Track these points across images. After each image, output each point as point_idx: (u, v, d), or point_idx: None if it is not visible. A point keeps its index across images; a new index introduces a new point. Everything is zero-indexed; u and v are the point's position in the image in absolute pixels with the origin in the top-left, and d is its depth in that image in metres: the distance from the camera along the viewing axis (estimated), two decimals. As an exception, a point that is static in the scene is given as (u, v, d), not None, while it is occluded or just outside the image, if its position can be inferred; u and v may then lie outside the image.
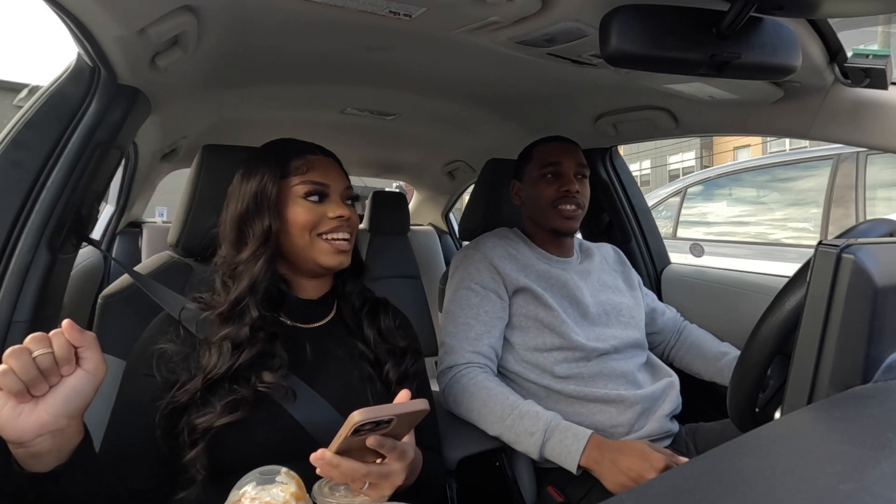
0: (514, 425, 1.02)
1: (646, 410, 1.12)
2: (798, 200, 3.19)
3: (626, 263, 1.41)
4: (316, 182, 0.84)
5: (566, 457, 0.97)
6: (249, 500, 0.55)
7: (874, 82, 0.93)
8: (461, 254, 1.28)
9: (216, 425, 0.70)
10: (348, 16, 0.83)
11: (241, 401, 0.72)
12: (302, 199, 0.83)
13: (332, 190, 0.85)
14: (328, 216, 0.83)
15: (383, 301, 0.96)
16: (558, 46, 0.89)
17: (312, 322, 0.87)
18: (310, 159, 0.86)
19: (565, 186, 1.22)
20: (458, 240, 2.77)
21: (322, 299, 0.91)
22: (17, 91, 8.72)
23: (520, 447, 1.02)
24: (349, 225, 0.85)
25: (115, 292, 0.96)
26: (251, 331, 0.76)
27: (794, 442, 0.44)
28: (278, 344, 0.79)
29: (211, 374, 0.73)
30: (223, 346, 0.75)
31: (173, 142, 1.68)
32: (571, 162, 1.25)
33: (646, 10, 0.69)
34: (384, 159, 2.42)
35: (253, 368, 0.75)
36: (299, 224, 0.83)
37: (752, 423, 0.75)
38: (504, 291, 1.19)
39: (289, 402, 0.76)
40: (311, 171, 0.85)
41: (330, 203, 0.85)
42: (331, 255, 0.83)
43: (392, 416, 0.60)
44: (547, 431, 0.99)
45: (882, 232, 0.82)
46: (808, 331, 0.59)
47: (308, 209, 0.83)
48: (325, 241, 0.83)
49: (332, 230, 0.83)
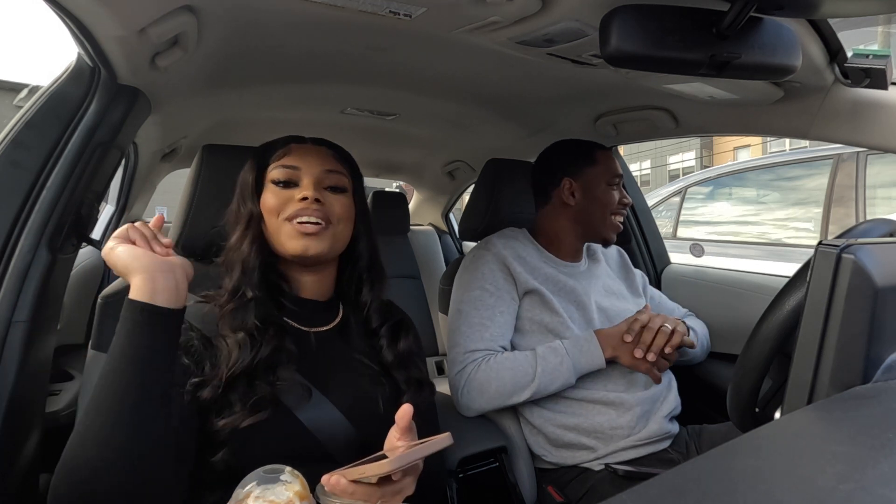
0: (545, 370, 1.09)
1: (645, 413, 1.12)
2: (800, 200, 3.19)
3: (629, 269, 1.40)
4: (286, 166, 0.83)
5: (594, 360, 1.10)
6: (254, 499, 0.54)
7: (874, 82, 0.93)
8: (471, 254, 1.27)
9: (242, 427, 0.70)
10: (348, 16, 0.83)
11: (261, 400, 0.72)
12: (272, 184, 0.84)
13: (304, 173, 0.83)
14: (295, 198, 0.81)
15: (407, 322, 0.93)
16: (558, 46, 0.89)
17: (318, 326, 0.86)
18: (290, 147, 0.86)
19: (623, 198, 1.26)
20: (458, 240, 2.77)
21: (327, 303, 0.89)
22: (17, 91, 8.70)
23: (558, 383, 1.10)
24: (319, 209, 0.81)
25: (115, 292, 0.96)
26: (261, 322, 0.77)
27: (794, 442, 0.44)
28: (288, 339, 0.78)
29: (233, 369, 0.72)
30: (240, 338, 0.75)
31: (173, 142, 1.68)
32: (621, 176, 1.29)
33: (646, 10, 0.69)
34: (384, 159, 2.42)
35: (269, 366, 0.75)
36: (268, 208, 0.82)
37: (753, 423, 0.75)
38: (516, 293, 1.18)
39: (304, 400, 0.75)
40: (286, 156, 0.85)
41: (299, 188, 0.83)
42: (293, 237, 0.80)
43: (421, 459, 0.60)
44: (569, 354, 1.10)
45: (882, 232, 0.83)
46: (808, 331, 0.59)
47: (275, 193, 0.83)
48: (289, 224, 0.81)
49: (296, 212, 0.80)
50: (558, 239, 1.28)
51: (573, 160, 1.28)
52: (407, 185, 3.08)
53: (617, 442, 1.10)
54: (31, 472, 0.89)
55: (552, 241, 1.28)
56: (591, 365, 1.10)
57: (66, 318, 1.37)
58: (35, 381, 0.89)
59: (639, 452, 1.10)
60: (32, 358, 0.85)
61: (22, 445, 0.86)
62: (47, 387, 1.01)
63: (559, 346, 1.11)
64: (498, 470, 1.10)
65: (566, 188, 1.26)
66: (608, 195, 1.24)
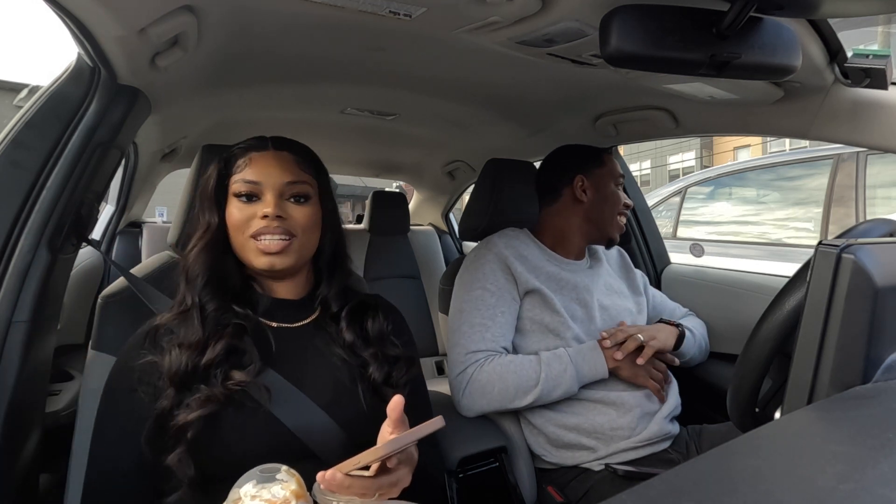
0: (549, 376, 1.09)
1: (645, 413, 1.13)
2: (800, 200, 3.19)
3: (629, 268, 1.41)
4: (247, 181, 0.81)
5: (597, 370, 1.12)
6: (250, 498, 0.54)
7: (874, 82, 0.93)
8: (473, 254, 1.27)
9: (190, 419, 0.69)
10: (348, 16, 0.83)
11: (211, 397, 0.71)
12: (234, 197, 0.81)
13: (266, 187, 0.80)
14: (257, 216, 0.79)
15: (372, 301, 0.91)
16: (558, 46, 0.89)
17: (295, 322, 0.85)
18: (251, 157, 0.83)
19: (626, 200, 1.30)
20: (458, 240, 2.77)
21: (302, 300, 0.88)
22: (17, 91, 8.71)
23: (560, 390, 1.10)
24: (281, 225, 0.79)
25: (115, 292, 0.96)
26: (207, 325, 0.76)
27: (794, 442, 0.44)
28: (247, 340, 0.77)
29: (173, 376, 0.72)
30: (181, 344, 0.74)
31: (173, 142, 1.68)
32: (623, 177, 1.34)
33: (646, 10, 0.69)
34: (384, 159, 2.42)
35: (221, 367, 0.74)
36: (233, 223, 0.81)
37: (753, 423, 0.75)
38: (517, 293, 1.18)
39: (265, 400, 0.74)
40: (247, 168, 0.82)
41: (261, 203, 0.80)
42: (258, 255, 0.79)
43: (415, 441, 0.59)
44: (573, 361, 1.11)
45: (882, 232, 0.83)
46: (808, 331, 0.59)
47: (238, 209, 0.81)
48: (254, 241, 0.79)
49: (259, 231, 0.79)
50: (564, 237, 1.29)
51: (584, 160, 1.31)
52: (407, 185, 3.08)
53: (617, 443, 1.10)
54: (31, 472, 0.89)
55: (557, 240, 1.29)
56: (594, 374, 1.12)
57: (66, 318, 1.37)
58: (35, 381, 0.89)
59: (639, 453, 1.10)
60: (32, 358, 0.85)
61: (22, 445, 0.86)
62: (47, 387, 1.01)
63: (563, 354, 1.12)
64: (498, 470, 1.10)
65: (579, 185, 1.29)
66: (616, 194, 1.29)
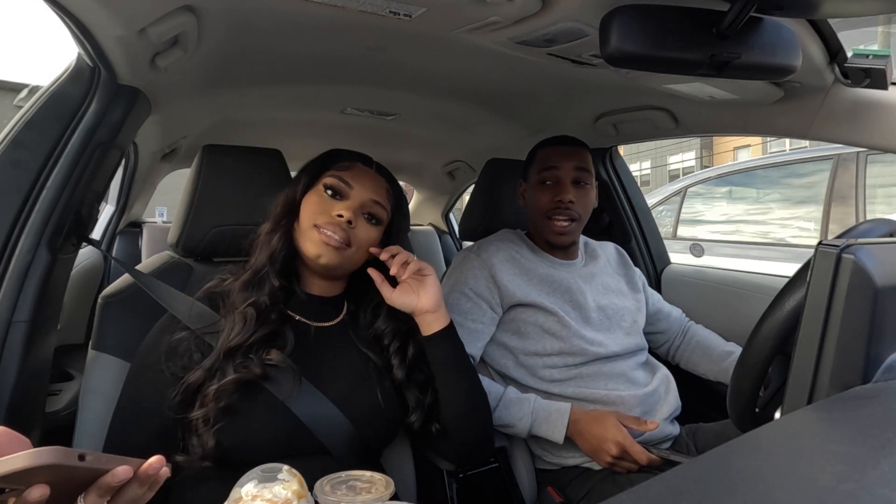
0: (503, 415, 1.08)
1: (645, 414, 1.12)
2: (800, 200, 3.19)
3: (628, 265, 1.39)
4: (343, 179, 0.86)
5: (554, 431, 1.06)
6: (251, 497, 0.54)
7: (874, 82, 0.93)
8: (461, 255, 1.26)
9: (225, 382, 0.72)
10: (348, 16, 0.83)
11: (249, 366, 0.74)
12: (322, 188, 0.86)
13: (353, 194, 0.86)
14: (333, 212, 0.83)
15: (413, 329, 0.89)
16: (558, 46, 0.89)
17: (322, 321, 0.87)
18: (355, 165, 0.89)
19: (559, 196, 1.17)
20: (459, 240, 2.77)
21: (333, 299, 0.91)
22: (17, 91, 8.71)
23: (509, 430, 1.10)
24: (347, 231, 0.82)
25: (116, 292, 0.96)
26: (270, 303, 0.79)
27: (794, 442, 0.44)
28: (288, 327, 0.81)
29: (233, 339, 0.75)
30: (248, 313, 0.77)
31: (173, 142, 1.68)
32: (569, 167, 1.19)
33: (646, 10, 0.69)
34: (384, 159, 2.39)
35: (263, 346, 0.77)
36: (308, 210, 0.85)
37: (752, 423, 0.75)
38: (498, 304, 1.17)
39: (294, 390, 0.76)
40: (347, 170, 0.88)
41: (342, 204, 0.85)
42: (314, 243, 0.82)
43: None
44: (533, 413, 1.08)
45: (882, 232, 0.82)
46: (808, 331, 0.59)
47: (321, 198, 0.85)
48: (316, 231, 0.83)
49: (326, 223, 0.82)
50: (541, 239, 1.27)
51: (527, 161, 1.30)
52: (407, 185, 3.08)
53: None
54: (31, 472, 0.89)
55: (539, 241, 1.28)
56: (548, 435, 1.06)
57: (66, 318, 1.37)
58: (35, 381, 0.89)
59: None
60: (32, 358, 0.85)
61: (22, 445, 0.86)
62: (47, 387, 1.01)
63: (528, 404, 1.08)
64: (498, 470, 1.10)
65: (520, 191, 1.30)
66: (538, 194, 1.21)
